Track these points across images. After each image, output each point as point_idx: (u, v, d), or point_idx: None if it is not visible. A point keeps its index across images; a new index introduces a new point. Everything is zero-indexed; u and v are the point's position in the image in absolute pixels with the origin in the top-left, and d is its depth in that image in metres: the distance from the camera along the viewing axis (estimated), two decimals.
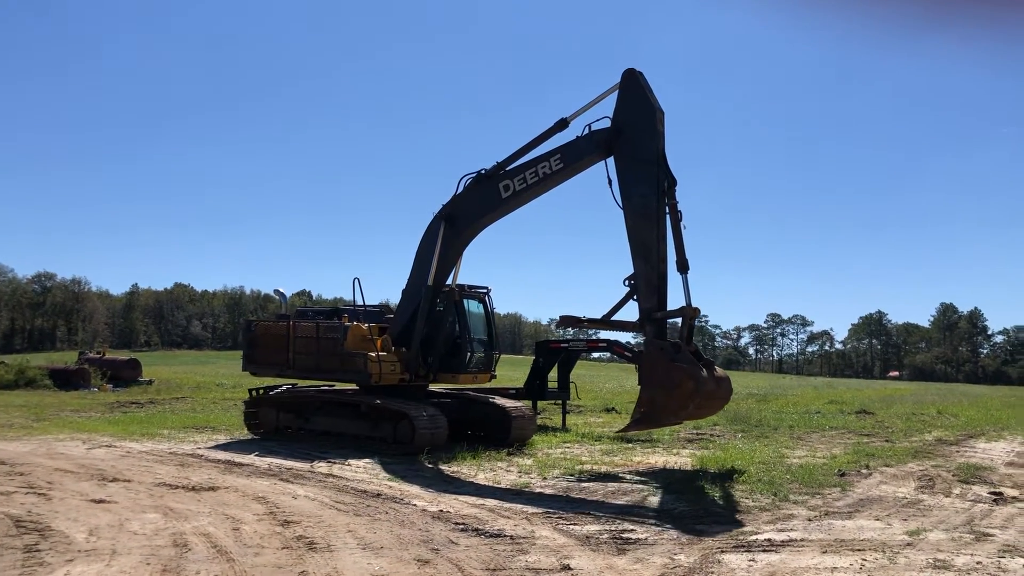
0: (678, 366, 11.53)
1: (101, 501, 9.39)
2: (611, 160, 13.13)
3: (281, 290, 18.02)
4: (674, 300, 12.37)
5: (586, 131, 13.50)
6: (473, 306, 16.71)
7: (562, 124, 13.97)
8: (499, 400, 16.42)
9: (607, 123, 13.24)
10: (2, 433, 16.97)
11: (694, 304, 12.19)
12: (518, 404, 16.35)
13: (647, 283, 12.38)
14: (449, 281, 15.66)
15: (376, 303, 18.72)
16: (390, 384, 15.32)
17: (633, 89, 13.04)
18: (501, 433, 15.58)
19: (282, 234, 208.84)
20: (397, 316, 16.06)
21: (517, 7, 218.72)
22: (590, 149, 13.44)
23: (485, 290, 17.04)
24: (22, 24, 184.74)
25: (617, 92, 13.20)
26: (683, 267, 12.39)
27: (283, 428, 16.79)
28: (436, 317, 15.70)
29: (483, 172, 14.68)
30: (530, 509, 9.59)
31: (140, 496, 9.79)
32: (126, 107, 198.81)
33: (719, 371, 12.49)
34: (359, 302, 16.41)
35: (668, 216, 12.46)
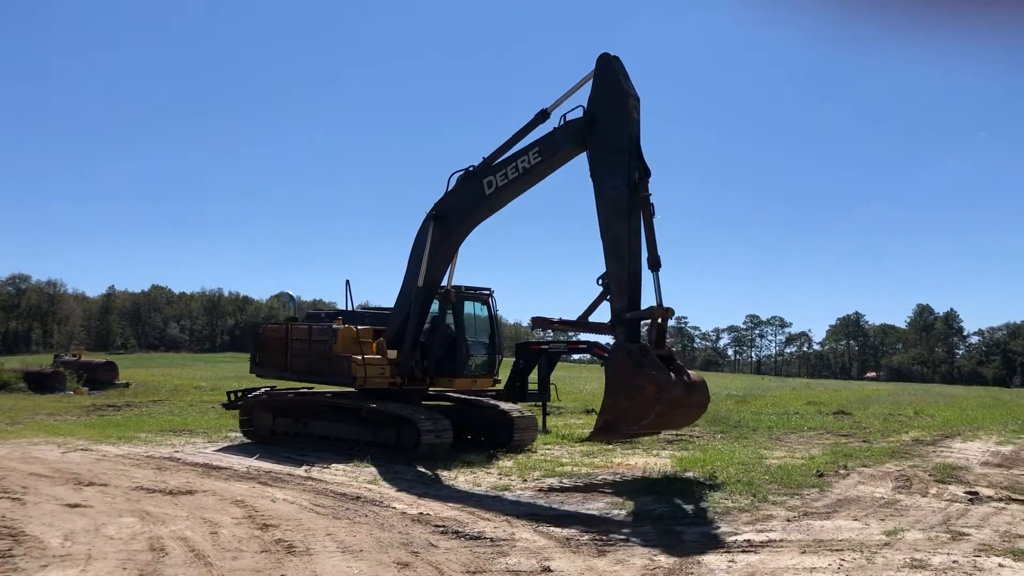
0: (641, 371, 10.74)
1: (76, 506, 9.29)
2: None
3: (290, 292, 17.50)
4: (649, 299, 11.68)
5: (561, 122, 12.82)
6: (474, 308, 16.30)
7: (543, 115, 13.27)
8: (502, 404, 16.02)
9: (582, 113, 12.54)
10: None
11: (667, 304, 11.39)
12: (520, 408, 16.05)
13: (618, 282, 11.70)
14: (445, 282, 15.24)
15: (357, 305, 18.53)
16: (382, 388, 14.99)
17: (606, 75, 12.34)
18: (503, 437, 15.18)
19: (259, 235, 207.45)
20: (392, 319, 15.60)
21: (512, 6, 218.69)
22: (565, 141, 12.78)
23: (488, 292, 16.64)
24: (18, 25, 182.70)
25: (592, 79, 12.55)
26: (654, 264, 11.56)
27: (279, 433, 16.38)
28: (432, 320, 15.34)
29: (471, 169, 14.12)
30: (510, 511, 9.58)
31: (116, 500, 9.69)
32: (102, 108, 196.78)
33: (694, 376, 11.55)
34: (349, 304, 16.20)
35: (641, 210, 11.65)
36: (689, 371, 11.53)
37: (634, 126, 11.96)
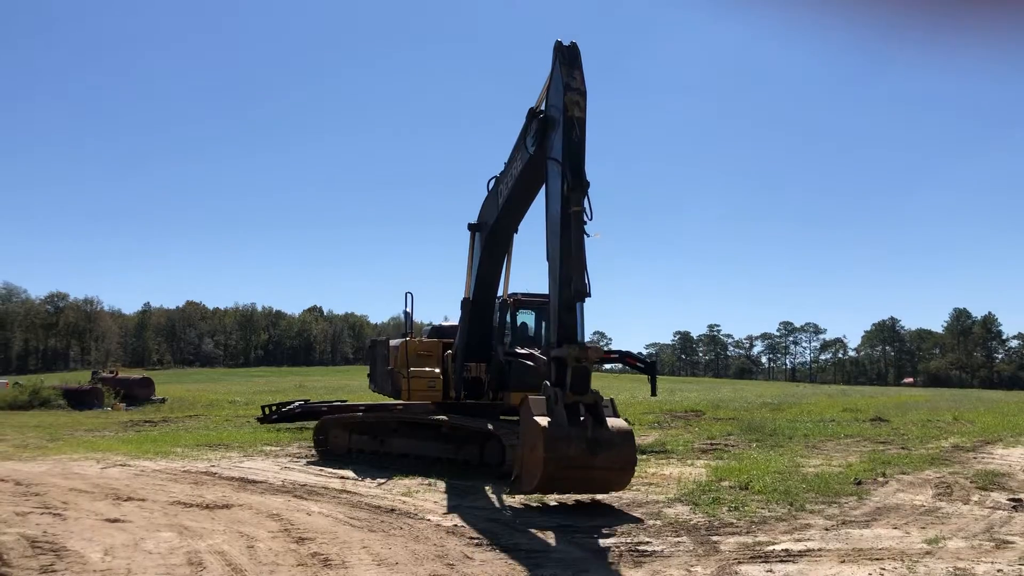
0: (535, 422, 9.35)
1: (116, 520, 9.39)
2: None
3: (408, 310, 16.99)
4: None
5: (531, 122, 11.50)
6: (536, 316, 15.79)
7: (532, 114, 11.60)
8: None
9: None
10: (17, 454, 17.03)
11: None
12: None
13: (552, 311, 10.30)
14: (500, 292, 14.76)
15: (441, 320, 18.10)
16: (437, 401, 14.77)
17: (556, 67, 10.70)
18: None
19: (292, 250, 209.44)
20: (458, 332, 15.09)
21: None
22: (531, 144, 11.41)
23: (547, 298, 16.05)
24: (26, 42, 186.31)
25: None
26: (578, 294, 9.86)
27: (356, 451, 15.62)
28: (488, 329, 14.81)
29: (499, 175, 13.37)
30: (545, 523, 9.55)
31: (154, 515, 9.79)
32: (137, 126, 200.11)
33: (615, 430, 9.63)
34: (409, 317, 16.00)
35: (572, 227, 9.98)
36: (617, 424, 9.76)
37: (572, 127, 10.24)
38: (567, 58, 10.58)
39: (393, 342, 15.64)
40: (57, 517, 9.58)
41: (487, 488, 12.17)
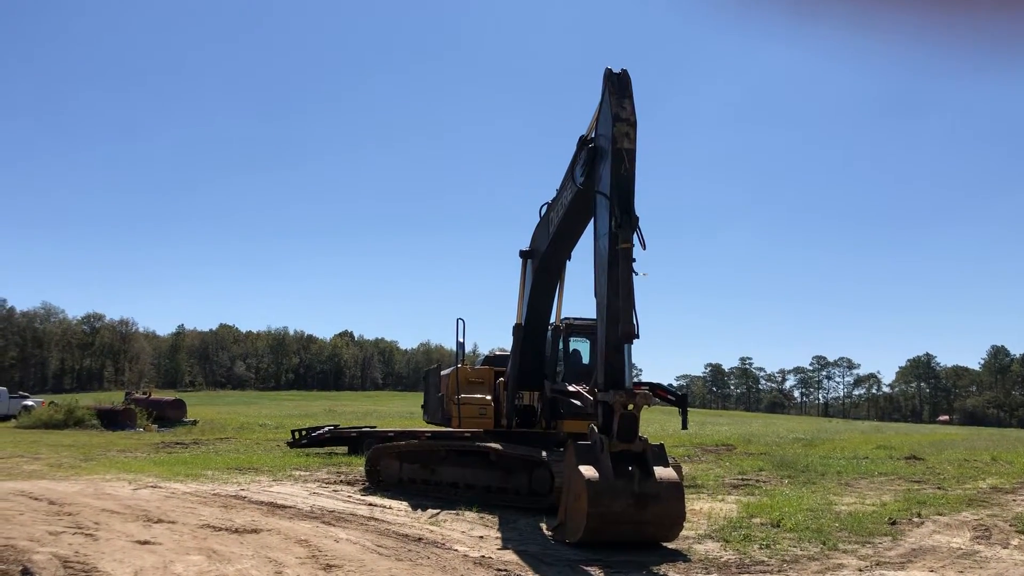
0: (579, 472, 9.13)
1: (146, 542, 9.45)
2: None
3: (461, 340, 16.79)
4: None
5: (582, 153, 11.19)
6: (585, 344, 15.47)
7: (582, 143, 11.38)
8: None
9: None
10: (52, 473, 17.25)
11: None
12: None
13: (599, 352, 9.93)
14: (553, 319, 14.53)
15: (495, 348, 18.12)
16: (488, 429, 14.57)
17: (605, 96, 10.36)
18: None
19: (325, 276, 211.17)
20: (510, 359, 14.83)
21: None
22: (580, 175, 11.10)
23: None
24: (64, 73, 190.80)
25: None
26: (626, 336, 9.47)
27: (407, 480, 15.22)
28: (541, 357, 14.52)
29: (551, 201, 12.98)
30: (573, 556, 9.45)
31: (184, 537, 9.84)
32: (175, 151, 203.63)
33: (663, 484, 9.37)
34: (461, 345, 15.89)
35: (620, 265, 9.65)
36: (666, 476, 9.53)
37: (621, 159, 9.87)
38: (617, 87, 10.22)
39: (444, 371, 15.58)
40: (89, 537, 9.66)
41: (518, 519, 12.10)
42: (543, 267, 13.65)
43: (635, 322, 9.52)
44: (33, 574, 7.59)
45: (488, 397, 14.95)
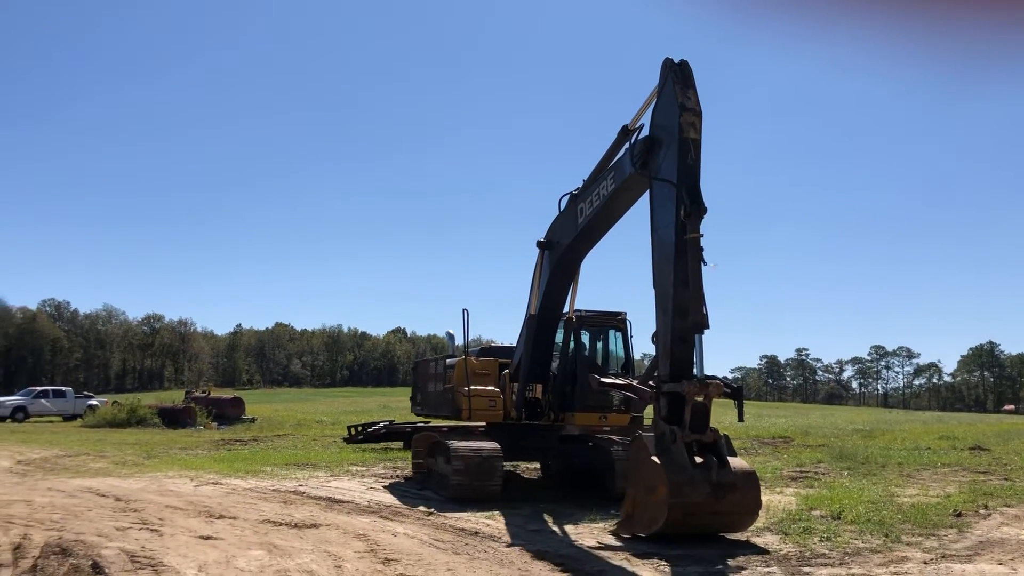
0: (655, 464, 9.15)
1: (209, 538, 9.63)
2: None
3: (451, 332, 16.97)
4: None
5: (632, 142, 11.14)
6: (602, 335, 15.40)
7: (624, 133, 11.57)
8: (615, 442, 13.87)
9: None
10: (117, 470, 17.69)
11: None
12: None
13: (663, 343, 9.84)
14: (566, 310, 14.37)
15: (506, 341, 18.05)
16: (493, 422, 14.53)
17: (665, 84, 10.32)
18: (608, 483, 13.00)
19: (378, 272, 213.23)
20: (516, 350, 14.85)
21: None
22: (631, 166, 10.93)
23: (619, 316, 15.21)
24: (121, 77, 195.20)
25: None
26: (698, 325, 9.48)
27: None
28: (550, 349, 14.41)
29: (575, 192, 12.86)
30: (630, 550, 9.40)
31: (245, 533, 10.01)
32: (230, 149, 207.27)
33: (739, 473, 9.51)
34: (466, 335, 15.87)
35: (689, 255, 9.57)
36: (740, 465, 9.65)
37: (688, 148, 9.83)
38: (680, 77, 10.18)
39: (450, 360, 15.42)
40: (154, 533, 9.88)
41: (574, 512, 12.08)
42: (563, 260, 13.49)
43: (705, 312, 9.48)
44: (102, 568, 7.78)
45: (496, 389, 14.72)
